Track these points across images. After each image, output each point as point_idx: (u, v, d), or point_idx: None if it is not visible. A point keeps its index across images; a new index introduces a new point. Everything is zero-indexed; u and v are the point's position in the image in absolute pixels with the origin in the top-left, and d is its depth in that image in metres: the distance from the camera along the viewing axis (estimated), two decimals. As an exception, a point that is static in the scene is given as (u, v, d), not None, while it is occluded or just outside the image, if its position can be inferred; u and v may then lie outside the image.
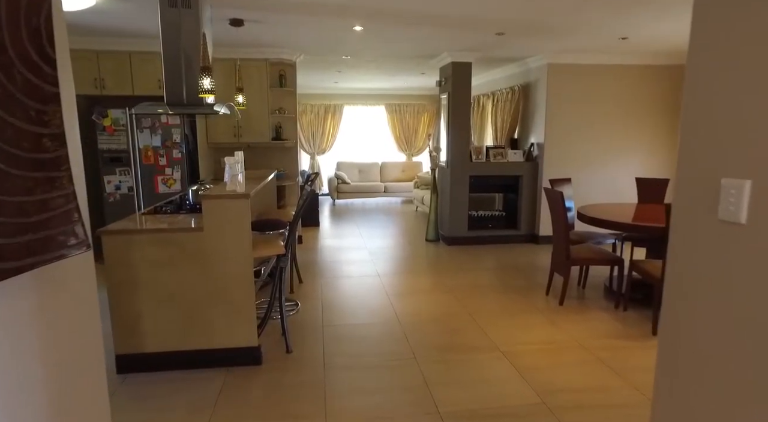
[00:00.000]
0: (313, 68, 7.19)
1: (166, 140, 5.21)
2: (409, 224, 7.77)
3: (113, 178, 5.22)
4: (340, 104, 10.12)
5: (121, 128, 5.14)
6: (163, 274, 2.85)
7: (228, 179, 4.17)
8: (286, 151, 6.18)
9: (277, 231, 3.73)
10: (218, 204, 2.83)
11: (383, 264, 5.32)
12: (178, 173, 5.28)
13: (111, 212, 5.26)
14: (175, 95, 3.41)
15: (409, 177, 10.14)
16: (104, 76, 5.11)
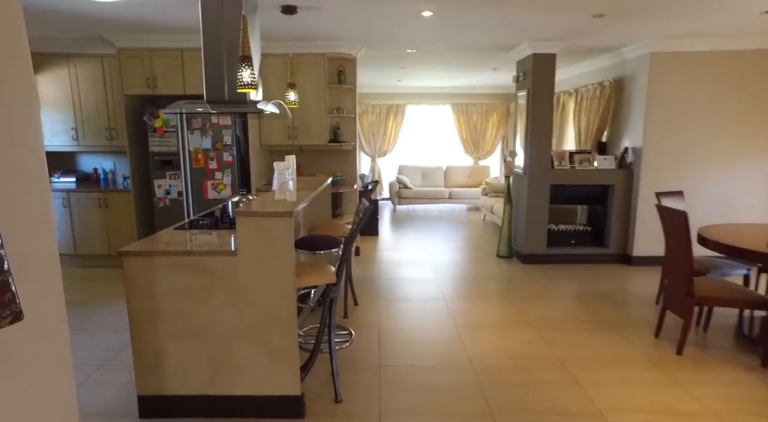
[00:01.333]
0: (375, 65, 6.65)
1: (217, 142, 4.86)
2: (476, 235, 7.02)
3: (163, 182, 4.94)
4: (403, 104, 9.53)
5: (172, 130, 4.85)
6: (189, 305, 2.37)
7: (277, 187, 3.68)
8: (344, 154, 5.67)
9: (329, 251, 3.18)
10: (255, 223, 2.30)
11: (449, 285, 4.65)
12: (228, 178, 4.91)
13: (160, 218, 4.99)
14: (215, 92, 2.96)
15: (476, 183, 9.36)
16: (156, 75, 4.84)
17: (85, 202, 5.15)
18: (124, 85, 4.86)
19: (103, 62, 5.12)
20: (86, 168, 5.66)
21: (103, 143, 5.29)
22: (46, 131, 5.29)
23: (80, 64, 5.14)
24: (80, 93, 5.20)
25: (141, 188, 5.17)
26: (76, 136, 5.28)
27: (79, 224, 5.19)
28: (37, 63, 5.13)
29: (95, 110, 5.22)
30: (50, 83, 5.19)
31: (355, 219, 2.71)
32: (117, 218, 5.16)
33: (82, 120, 5.25)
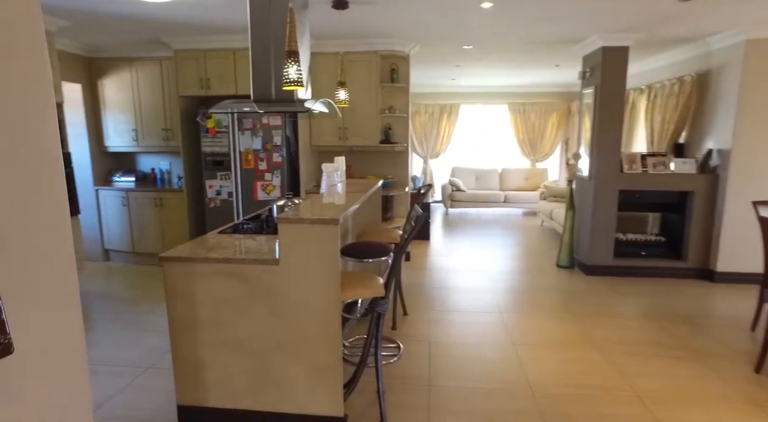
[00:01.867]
0: (428, 63, 6.40)
1: (267, 143, 4.80)
2: (534, 242, 6.60)
3: (214, 182, 4.95)
4: (457, 104, 9.21)
5: (223, 130, 4.84)
6: (229, 315, 2.25)
7: (325, 189, 3.54)
8: (395, 155, 5.47)
9: (378, 259, 2.98)
10: (298, 231, 2.14)
11: (506, 297, 4.33)
12: (278, 179, 4.85)
13: (211, 219, 5.01)
14: (262, 91, 2.84)
15: (533, 186, 8.87)
16: (210, 76, 4.86)
17: (143, 201, 5.26)
18: (180, 86, 4.92)
19: (161, 65, 5.21)
20: (145, 168, 5.81)
21: (160, 144, 5.39)
22: (110, 132, 5.47)
23: (141, 67, 5.26)
24: (140, 95, 5.32)
25: (193, 188, 5.22)
26: (136, 137, 5.42)
27: (136, 223, 5.32)
28: (104, 68, 5.31)
29: (153, 112, 5.33)
30: (115, 87, 5.35)
31: (407, 227, 2.50)
32: (171, 218, 5.23)
33: (142, 121, 5.37)
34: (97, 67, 5.34)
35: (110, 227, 5.43)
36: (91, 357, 3.19)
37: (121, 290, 4.52)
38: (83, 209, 5.44)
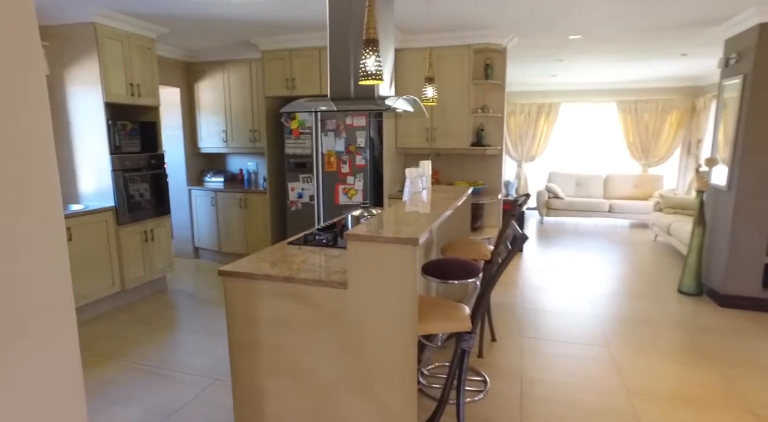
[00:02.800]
0: (526, 58, 5.80)
1: (350, 145, 4.58)
2: (646, 260, 5.71)
3: (296, 185, 4.84)
4: (556, 102, 8.41)
5: (307, 131, 4.70)
6: (291, 340, 1.98)
7: (407, 197, 3.19)
8: (487, 159, 4.98)
9: (465, 281, 2.57)
10: (370, 251, 1.81)
11: (614, 326, 3.67)
12: (360, 183, 4.60)
13: (293, 223, 4.90)
14: (340, 88, 2.56)
15: (644, 194, 7.81)
16: (295, 75, 4.74)
17: (229, 202, 5.32)
18: (266, 87, 4.87)
19: (251, 67, 5.23)
20: (234, 168, 5.91)
21: (248, 145, 5.42)
22: (203, 134, 5.62)
23: (232, 69, 5.32)
24: (231, 97, 5.39)
25: (276, 190, 5.16)
26: (226, 138, 5.51)
27: (223, 223, 5.39)
28: (200, 71, 5.46)
29: (242, 113, 5.37)
30: (208, 89, 5.48)
31: (501, 248, 2.06)
32: (254, 220, 5.23)
33: (231, 122, 5.44)
34: (194, 71, 5.51)
35: (200, 226, 5.57)
36: (165, 359, 3.15)
37: (204, 290, 4.56)
38: (177, 207, 5.64)
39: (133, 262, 4.14)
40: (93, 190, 4.00)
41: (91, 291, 3.79)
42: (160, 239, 4.42)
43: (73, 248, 3.61)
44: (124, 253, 4.03)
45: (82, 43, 3.77)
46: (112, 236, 3.94)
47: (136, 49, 4.07)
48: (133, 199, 4.12)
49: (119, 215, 3.97)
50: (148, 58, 4.21)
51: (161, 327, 3.67)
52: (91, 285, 3.79)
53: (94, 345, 3.38)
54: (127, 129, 4.12)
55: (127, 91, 4.01)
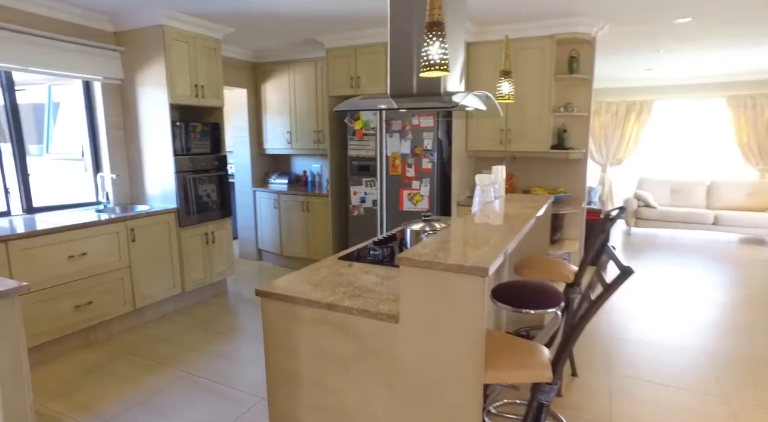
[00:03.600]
0: (617, 50, 5.14)
1: (416, 147, 4.26)
2: (763, 284, 4.83)
3: (359, 189, 4.60)
4: (650, 100, 7.52)
5: (371, 133, 4.45)
6: (334, 377, 1.70)
7: (477, 206, 2.81)
8: (570, 164, 4.44)
9: (543, 311, 2.15)
10: (427, 279, 1.48)
11: (732, 371, 3.02)
12: (426, 188, 4.26)
13: (354, 228, 4.67)
14: (400, 83, 2.25)
15: (761, 205, 6.73)
16: (359, 73, 4.51)
17: (291, 204, 5.21)
18: (330, 86, 4.68)
19: (316, 66, 5.08)
20: (298, 170, 5.81)
21: (311, 146, 5.28)
22: (268, 135, 5.57)
23: (298, 69, 5.21)
24: (296, 98, 5.28)
25: (338, 193, 4.96)
26: (291, 139, 5.41)
27: (285, 226, 5.29)
28: (267, 72, 5.41)
29: (307, 114, 5.24)
30: (275, 90, 5.41)
31: (595, 279, 1.64)
32: (316, 224, 5.06)
33: (296, 123, 5.33)
34: (261, 71, 5.47)
35: (263, 228, 5.52)
36: (217, 370, 3.01)
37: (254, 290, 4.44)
38: (243, 209, 5.64)
39: (194, 264, 4.11)
40: (158, 191, 4.02)
41: (153, 292, 3.79)
42: (221, 242, 4.37)
43: (136, 249, 3.62)
44: (185, 255, 4.01)
45: (151, 46, 3.78)
46: (174, 238, 3.93)
47: (202, 51, 4.04)
48: (195, 201, 4.09)
49: (181, 216, 3.95)
50: (213, 59, 4.17)
51: (217, 334, 3.57)
52: (154, 286, 3.79)
53: (153, 347, 3.34)
54: (197, 131, 4.10)
55: (192, 92, 3.98)
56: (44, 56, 3.49)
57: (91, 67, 3.78)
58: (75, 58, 3.67)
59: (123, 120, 4.10)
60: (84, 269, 3.27)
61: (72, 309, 3.22)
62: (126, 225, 3.53)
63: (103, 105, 3.95)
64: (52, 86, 4.95)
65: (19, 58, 3.37)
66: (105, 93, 3.96)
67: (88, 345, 3.38)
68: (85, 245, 3.26)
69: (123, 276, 3.54)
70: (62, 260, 3.14)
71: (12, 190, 3.67)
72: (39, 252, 3.01)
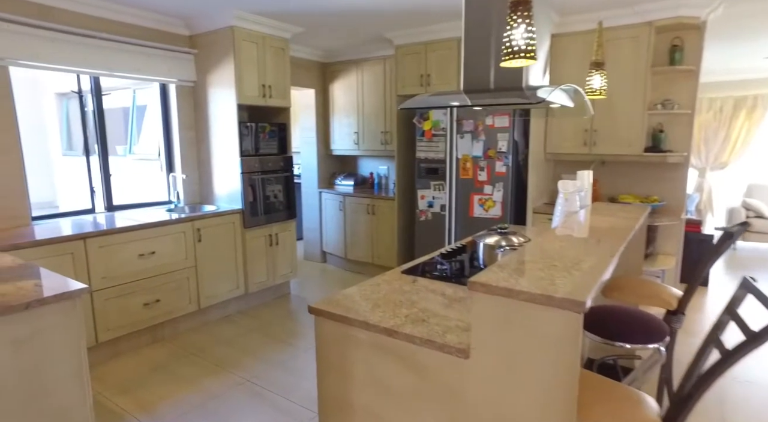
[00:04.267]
0: (732, 35, 4.47)
1: (489, 149, 3.94)
2: None
3: (427, 193, 4.36)
4: (766, 93, 6.56)
5: (441, 133, 4.19)
6: (391, 411, 1.48)
7: (559, 217, 2.49)
8: (666, 168, 3.90)
9: (642, 346, 1.80)
10: (504, 309, 1.21)
11: None
12: (499, 194, 3.94)
13: (421, 234, 4.44)
14: (476, 77, 2.00)
15: None
16: (430, 70, 4.27)
17: (356, 207, 5.08)
18: (398, 84, 4.49)
19: (384, 64, 4.91)
20: (364, 172, 5.68)
21: (378, 147, 5.12)
22: (335, 136, 5.49)
23: (366, 68, 5.07)
24: (364, 97, 5.15)
25: (405, 197, 4.75)
26: (357, 140, 5.29)
27: (350, 229, 5.18)
28: (335, 72, 5.33)
29: (374, 114, 5.09)
30: (343, 90, 5.32)
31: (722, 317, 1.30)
32: (381, 228, 4.89)
33: (364, 124, 5.20)
34: (329, 71, 5.40)
35: (328, 230, 5.45)
36: (273, 378, 2.92)
37: (324, 295, 4.34)
38: (309, 210, 5.61)
39: (257, 266, 4.09)
40: (225, 192, 4.04)
41: (218, 292, 3.80)
42: (284, 244, 4.33)
43: (202, 249, 3.64)
44: (248, 256, 3.99)
45: (221, 47, 3.80)
46: (239, 239, 3.92)
47: (270, 51, 4.00)
48: (261, 202, 4.06)
49: (246, 217, 3.93)
50: (281, 59, 4.12)
51: (278, 340, 3.50)
52: (219, 286, 3.80)
53: (214, 349, 3.33)
54: (265, 131, 4.08)
55: (259, 92, 3.95)
56: (129, 61, 3.61)
57: (167, 70, 3.87)
58: (154, 62, 3.77)
59: (195, 121, 4.17)
60: (153, 267, 3.32)
61: (141, 306, 3.28)
62: (193, 225, 3.55)
63: (176, 107, 4.04)
64: (136, 90, 5.22)
65: (107, 65, 3.50)
66: (179, 95, 4.04)
67: (155, 342, 3.44)
68: (154, 243, 3.31)
69: (189, 276, 3.57)
70: (133, 257, 3.20)
71: (96, 189, 3.84)
72: (113, 250, 3.09)
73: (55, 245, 2.81)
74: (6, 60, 3.10)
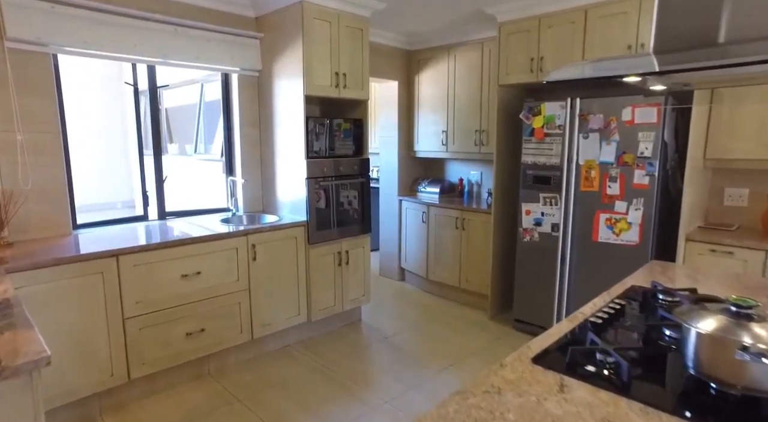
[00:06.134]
0: None
1: (625, 152, 2.95)
2: None
3: (534, 207, 3.44)
4: None
5: (556, 133, 3.26)
6: None
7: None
8: None
9: None
10: None
11: None
12: (637, 213, 2.93)
13: (524, 259, 3.53)
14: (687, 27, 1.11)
15: None
16: (543, 53, 3.35)
17: (443, 219, 4.27)
18: (501, 72, 3.60)
19: (482, 49, 4.05)
20: (452, 177, 4.86)
21: (471, 149, 4.27)
22: (419, 135, 4.73)
23: (460, 54, 4.25)
24: (455, 90, 4.33)
25: (505, 211, 3.85)
26: (446, 140, 4.48)
27: (434, 245, 4.38)
28: (422, 61, 4.57)
29: (467, 109, 4.25)
30: (430, 82, 4.55)
31: None
32: (473, 246, 4.04)
33: (454, 121, 4.38)
34: (415, 60, 4.65)
35: (408, 244, 4.70)
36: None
37: (403, 331, 3.59)
38: (387, 218, 4.90)
39: (323, 289, 3.44)
40: (288, 199, 3.44)
41: (275, 320, 3.20)
42: (357, 263, 3.64)
43: (257, 269, 3.05)
44: (313, 277, 3.35)
45: (289, 29, 3.19)
46: (302, 257, 3.29)
47: (346, 32, 3.33)
48: (330, 212, 3.41)
49: (311, 231, 3.29)
50: (359, 42, 3.44)
51: (344, 387, 2.80)
52: (276, 313, 3.20)
53: (264, 395, 2.70)
54: (340, 129, 3.44)
55: (332, 81, 3.30)
56: (186, 48, 3.12)
57: (230, 57, 3.34)
58: (216, 48, 3.26)
59: (258, 117, 3.62)
60: (198, 290, 2.77)
61: (183, 337, 2.74)
62: (247, 240, 2.97)
63: (238, 100, 3.51)
64: (205, 85, 4.85)
65: (162, 51, 3.03)
66: (241, 87, 3.51)
67: (198, 378, 2.89)
68: (200, 261, 2.76)
69: (241, 301, 2.99)
70: (175, 278, 2.67)
71: (150, 193, 3.41)
72: (151, 269, 2.57)
73: (81, 263, 2.33)
74: (50, 46, 2.70)
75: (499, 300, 3.97)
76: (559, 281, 3.33)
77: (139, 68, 3.25)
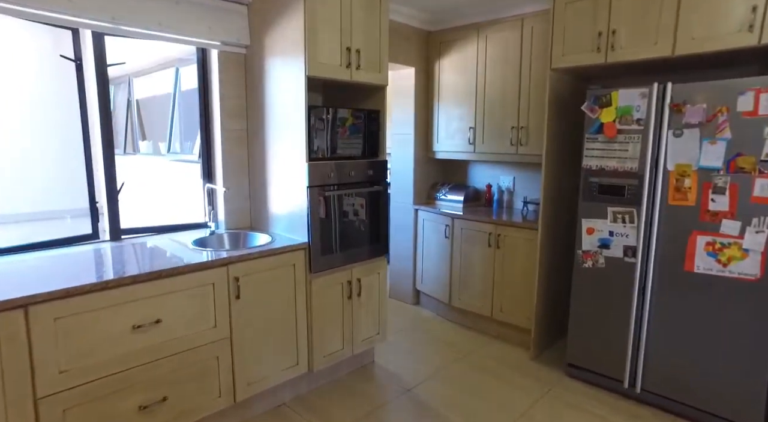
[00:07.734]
0: None
1: (740, 154, 2.19)
2: None
3: (599, 224, 2.68)
4: None
5: (633, 130, 2.50)
6: None
7: None
8: None
9: None
10: None
11: None
12: (758, 238, 2.18)
13: (583, 289, 2.76)
14: None
15: None
16: (615, 25, 2.58)
17: (471, 234, 3.51)
18: (555, 52, 2.83)
19: (522, 27, 3.29)
20: (478, 183, 4.10)
21: (504, 150, 3.51)
22: (440, 133, 3.97)
23: (492, 34, 3.48)
24: (486, 77, 3.57)
25: (556, 226, 3.09)
26: (473, 138, 3.72)
27: (459, 265, 3.62)
28: (445, 43, 3.82)
29: (501, 101, 3.49)
30: (454, 69, 3.79)
31: None
32: (510, 268, 3.28)
33: (484, 116, 3.62)
34: (436, 43, 3.88)
35: (425, 262, 3.93)
36: None
37: (427, 380, 2.82)
38: (399, 230, 4.13)
39: (329, 329, 2.66)
40: (284, 213, 2.66)
41: (267, 374, 2.41)
42: (370, 293, 2.87)
43: (242, 309, 2.27)
44: (315, 316, 2.57)
45: (286, -11, 2.41)
46: (301, 290, 2.51)
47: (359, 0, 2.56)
48: (337, 231, 2.63)
49: (312, 256, 2.51)
50: (376, 12, 2.66)
51: (354, 477, 2.03)
52: (267, 366, 2.41)
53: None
54: (350, 124, 2.66)
55: (342, 60, 2.52)
56: (145, 10, 2.33)
57: (206, 27, 2.55)
58: (187, 13, 2.47)
59: (245, 108, 2.83)
60: (157, 346, 1.98)
61: (134, 412, 1.95)
62: (228, 272, 2.18)
63: (219, 85, 2.72)
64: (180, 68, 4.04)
65: (111, 11, 2.23)
66: (223, 67, 2.72)
67: (161, 462, 2.10)
68: (159, 305, 1.97)
69: (219, 354, 2.20)
70: (123, 332, 1.88)
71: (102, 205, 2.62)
72: (84, 322, 1.78)
73: (-30, 318, 1.54)
74: (-51, 1, 1.90)
75: (545, 337, 3.21)
76: (635, 320, 2.57)
77: (83, 38, 2.44)
